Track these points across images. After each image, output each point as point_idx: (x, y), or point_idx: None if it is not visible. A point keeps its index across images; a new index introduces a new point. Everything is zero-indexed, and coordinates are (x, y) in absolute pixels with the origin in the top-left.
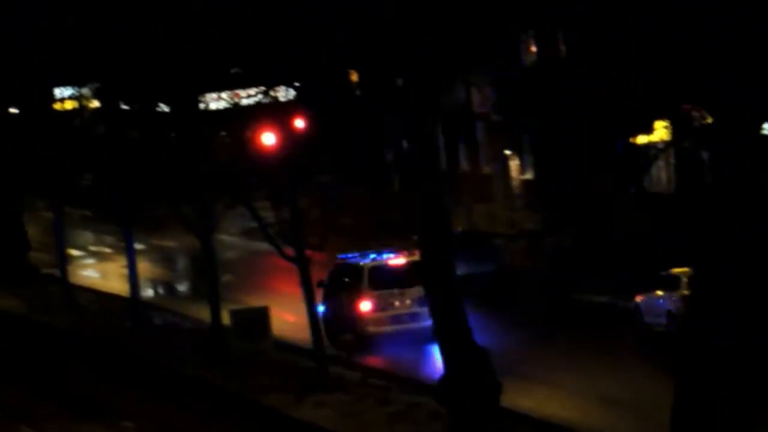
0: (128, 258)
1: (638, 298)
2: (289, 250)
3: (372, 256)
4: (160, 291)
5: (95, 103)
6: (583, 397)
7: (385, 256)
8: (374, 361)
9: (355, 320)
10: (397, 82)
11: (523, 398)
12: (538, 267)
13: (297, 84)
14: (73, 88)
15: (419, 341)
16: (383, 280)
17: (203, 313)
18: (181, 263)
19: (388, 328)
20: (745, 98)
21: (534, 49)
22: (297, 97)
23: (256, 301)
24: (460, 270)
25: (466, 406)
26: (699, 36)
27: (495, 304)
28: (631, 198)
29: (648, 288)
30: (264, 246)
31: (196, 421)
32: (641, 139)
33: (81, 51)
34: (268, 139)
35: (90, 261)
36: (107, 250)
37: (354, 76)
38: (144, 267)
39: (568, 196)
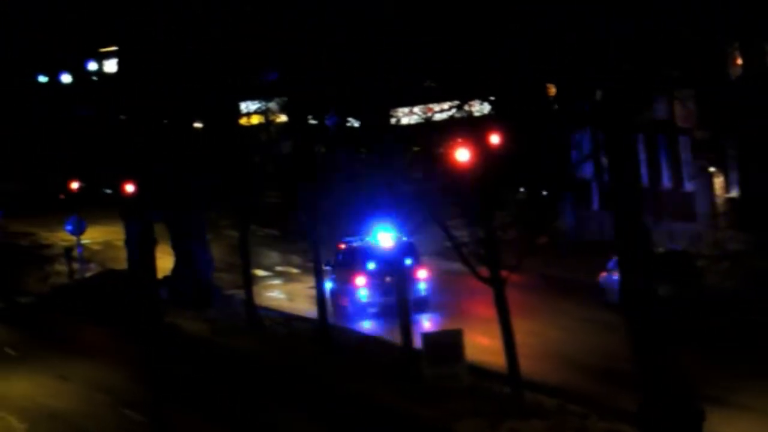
0: (316, 278)
1: None
2: (484, 271)
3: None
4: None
5: (282, 118)
6: None
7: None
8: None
9: (352, 292)
10: (596, 96)
11: (726, 426)
12: (743, 289)
13: (492, 98)
14: (260, 102)
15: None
16: (375, 259)
17: (394, 335)
18: None
19: (377, 299)
20: None
21: (740, 61)
22: (492, 111)
23: (449, 324)
24: (662, 291)
25: None
26: None
27: (691, 327)
28: None
29: None
30: (458, 266)
31: None
32: None
33: (268, 64)
34: (462, 155)
35: (276, 281)
36: (294, 270)
37: (551, 90)
38: None
39: None
